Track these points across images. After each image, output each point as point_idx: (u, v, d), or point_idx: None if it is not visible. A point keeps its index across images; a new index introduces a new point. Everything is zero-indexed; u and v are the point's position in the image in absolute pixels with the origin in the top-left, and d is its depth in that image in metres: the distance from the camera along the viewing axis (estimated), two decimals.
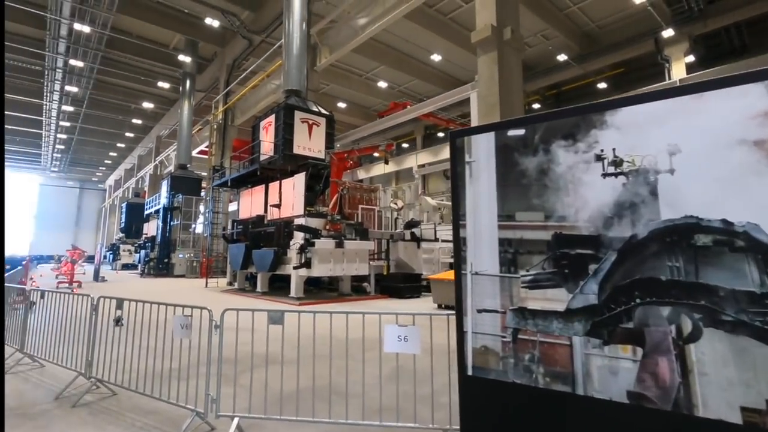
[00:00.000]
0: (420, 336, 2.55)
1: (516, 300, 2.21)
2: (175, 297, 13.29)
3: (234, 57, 26.38)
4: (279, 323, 2.91)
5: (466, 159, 2.41)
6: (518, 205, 2.25)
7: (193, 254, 25.78)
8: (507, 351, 2.21)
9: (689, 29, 23.00)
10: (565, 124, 2.15)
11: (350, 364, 3.42)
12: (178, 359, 3.56)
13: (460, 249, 2.39)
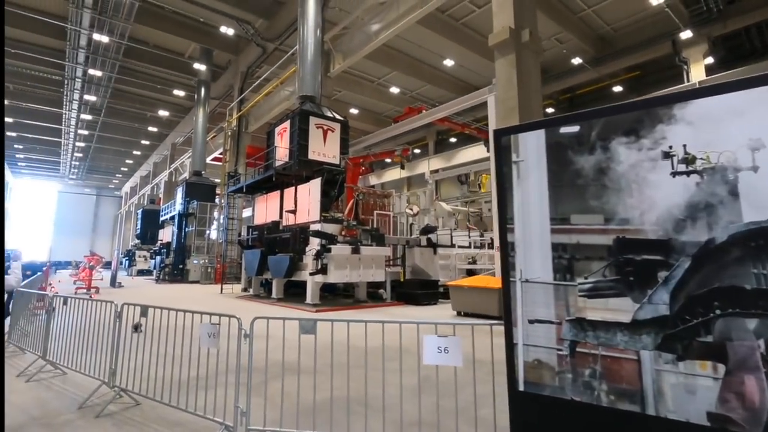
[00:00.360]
0: (462, 347, 2.40)
1: (573, 310, 2.05)
2: (192, 303, 13.30)
3: (248, 64, 26.65)
4: (311, 332, 2.79)
5: (512, 158, 2.27)
6: (573, 207, 2.10)
7: (208, 260, 25.93)
8: (564, 365, 2.05)
9: (708, 30, 22.55)
10: (626, 119, 2.00)
11: (374, 374, 3.29)
12: (205, 367, 3.46)
13: (508, 255, 2.24)
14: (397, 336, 2.92)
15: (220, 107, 32.74)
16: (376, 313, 10.74)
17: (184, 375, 3.59)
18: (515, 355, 2.19)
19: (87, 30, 21.97)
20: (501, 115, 10.58)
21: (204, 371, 3.53)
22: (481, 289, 9.27)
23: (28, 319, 6.35)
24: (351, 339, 2.95)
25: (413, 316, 9.92)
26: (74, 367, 4.40)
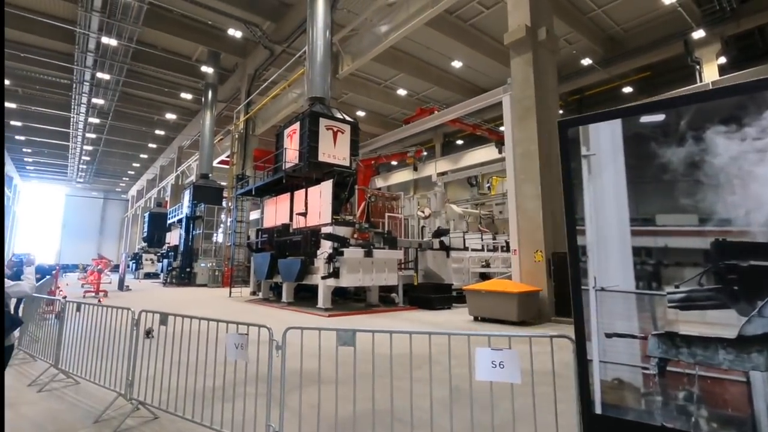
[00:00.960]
0: (519, 362, 2.17)
1: (662, 323, 1.82)
2: (201, 307, 13.11)
3: (255, 67, 26.59)
4: (350, 344, 2.57)
5: (582, 152, 2.05)
6: (659, 206, 1.87)
7: (215, 263, 25.79)
8: (651, 386, 1.82)
9: (721, 30, 22.22)
10: (724, 105, 1.77)
11: (398, 383, 3.06)
12: (223, 376, 3.25)
13: (578, 260, 2.02)
14: (420, 343, 2.70)
15: (227, 110, 32.72)
16: (391, 318, 10.50)
17: (203, 385, 3.38)
18: (589, 373, 1.96)
19: (95, 33, 21.99)
20: (517, 115, 10.35)
21: (222, 381, 3.32)
22: (500, 293, 9.01)
23: (38, 324, 6.18)
24: (375, 347, 2.73)
25: (429, 321, 9.68)
26: (88, 376, 4.21)
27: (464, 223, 17.03)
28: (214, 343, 3.37)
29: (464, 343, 2.62)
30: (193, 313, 11.67)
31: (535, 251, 9.68)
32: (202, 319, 3.41)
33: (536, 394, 2.32)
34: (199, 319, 3.44)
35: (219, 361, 3.33)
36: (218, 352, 3.32)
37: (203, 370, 3.43)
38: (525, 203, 9.99)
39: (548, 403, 2.37)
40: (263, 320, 10.01)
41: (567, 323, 9.02)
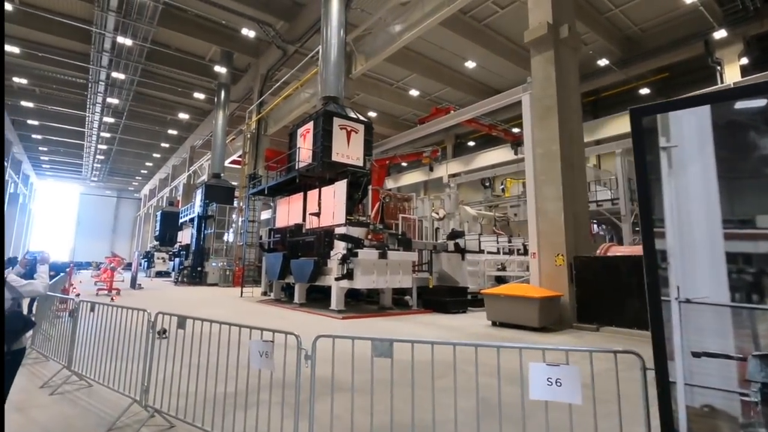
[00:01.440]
0: (580, 379, 1.94)
1: (765, 342, 1.58)
2: (213, 306, 13.01)
3: (268, 67, 26.60)
4: (387, 356, 2.35)
5: (660, 144, 1.81)
6: (759, 205, 1.63)
7: (226, 263, 25.79)
8: (752, 415, 1.58)
9: (744, 30, 21.64)
10: None
11: (422, 393, 2.84)
12: (245, 381, 3.05)
13: (657, 266, 1.78)
14: (443, 350, 2.47)
15: (239, 110, 32.81)
16: (406, 321, 10.27)
17: (223, 390, 3.20)
18: (672, 397, 1.72)
19: (111, 33, 22.15)
20: (538, 114, 10.07)
21: (245, 387, 3.14)
22: (519, 298, 8.73)
23: (51, 322, 6.07)
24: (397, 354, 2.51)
25: (446, 325, 9.43)
26: (102, 380, 4.05)
27: (478, 226, 16.74)
28: (236, 347, 3.18)
29: (513, 355, 2.38)
30: (206, 313, 11.52)
31: (555, 255, 9.39)
32: (223, 324, 3.22)
33: (597, 415, 2.08)
34: (219, 324, 3.24)
35: (237, 365, 3.14)
36: (238, 356, 3.12)
37: (221, 375, 3.25)
38: (545, 205, 9.70)
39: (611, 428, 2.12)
40: (276, 322, 9.87)
41: (589, 330, 8.71)
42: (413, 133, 16.79)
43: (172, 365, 3.56)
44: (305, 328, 9.02)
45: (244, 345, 3.11)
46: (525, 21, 23.21)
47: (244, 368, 3.10)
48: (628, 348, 2.12)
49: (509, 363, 2.46)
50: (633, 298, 8.22)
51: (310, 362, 2.47)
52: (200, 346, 3.32)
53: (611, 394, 2.04)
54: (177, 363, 3.49)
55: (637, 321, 8.12)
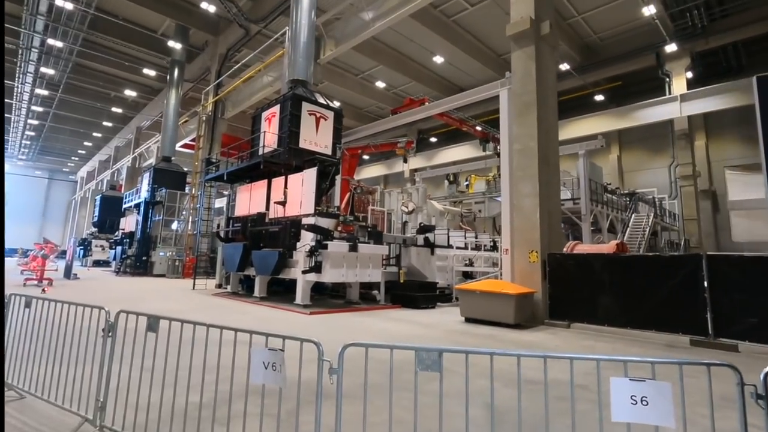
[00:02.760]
0: (671, 397, 1.64)
1: None
2: (163, 300, 11.95)
3: (228, 46, 25.08)
4: (435, 370, 1.94)
5: None
6: None
7: (176, 252, 24.14)
8: None
9: (691, 45, 23.13)
10: None
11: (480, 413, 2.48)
12: (214, 389, 2.52)
13: None
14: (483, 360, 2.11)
15: (193, 91, 30.81)
16: (376, 317, 9.90)
17: (195, 401, 2.64)
18: None
19: None
20: (516, 110, 10.00)
21: (225, 396, 2.62)
22: (495, 294, 8.63)
23: None
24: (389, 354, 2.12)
25: (419, 322, 9.16)
26: (39, 392, 3.32)
27: (445, 221, 16.69)
28: (216, 347, 2.63)
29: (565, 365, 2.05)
30: (156, 307, 10.52)
31: (530, 251, 9.38)
32: (210, 327, 2.65)
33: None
34: (207, 326, 2.66)
35: (234, 368, 2.60)
36: (211, 357, 2.56)
37: (195, 381, 2.69)
38: (521, 201, 9.67)
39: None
40: (237, 317, 9.14)
41: (561, 326, 8.78)
42: (385, 123, 16.39)
43: (130, 372, 2.94)
44: (271, 324, 8.41)
45: (222, 344, 2.58)
46: (493, 21, 23.52)
47: (222, 370, 2.57)
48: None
49: (563, 374, 2.11)
50: (605, 295, 8.35)
51: (336, 377, 1.99)
52: (168, 348, 2.74)
53: (701, 416, 1.78)
54: (136, 369, 2.87)
55: (608, 318, 8.26)
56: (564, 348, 6.77)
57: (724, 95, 21.58)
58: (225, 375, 2.81)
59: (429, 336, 7.48)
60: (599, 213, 17.14)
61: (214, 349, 2.62)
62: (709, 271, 7.16)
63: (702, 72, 25.09)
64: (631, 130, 26.59)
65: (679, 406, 1.71)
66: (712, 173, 25.81)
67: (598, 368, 1.85)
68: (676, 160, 26.00)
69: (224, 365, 2.68)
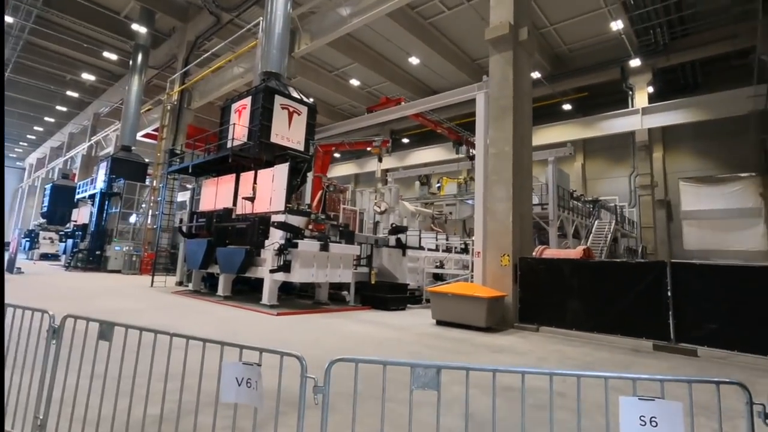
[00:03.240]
0: (682, 418, 1.54)
1: None
2: (119, 297, 11.22)
3: (197, 34, 24.05)
4: (432, 388, 1.73)
5: None
6: None
7: (133, 247, 22.90)
8: None
9: (654, 61, 24.24)
10: None
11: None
12: (177, 398, 2.25)
13: None
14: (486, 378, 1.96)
15: (158, 78, 29.43)
16: (347, 318, 9.66)
17: (155, 413, 2.35)
18: None
19: None
20: (493, 114, 10.04)
21: (174, 405, 2.34)
22: (467, 297, 8.59)
23: None
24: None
25: (390, 324, 9.00)
26: None
27: (416, 222, 16.64)
28: (180, 352, 2.35)
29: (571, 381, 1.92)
30: (111, 305, 9.81)
31: (502, 255, 9.43)
32: (173, 336, 2.35)
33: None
34: (170, 335, 2.36)
35: (173, 373, 2.31)
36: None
37: (153, 389, 2.40)
38: (495, 205, 9.71)
39: None
40: (199, 317, 8.66)
41: (531, 330, 8.87)
42: (361, 121, 16.15)
43: (76, 380, 2.60)
44: (237, 325, 8.01)
45: (189, 348, 2.31)
46: (468, 25, 23.76)
47: (184, 378, 2.30)
48: (706, 376, 1.77)
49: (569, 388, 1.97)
50: (573, 300, 8.49)
51: (322, 396, 1.75)
52: (124, 353, 2.43)
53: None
54: (85, 377, 2.54)
55: (575, 322, 8.40)
56: (535, 351, 6.80)
57: (681, 110, 22.78)
58: (191, 383, 2.54)
59: (401, 339, 7.33)
60: (565, 219, 17.62)
61: (178, 354, 2.33)
62: (672, 278, 7.40)
63: (662, 87, 26.34)
64: (596, 139, 27.58)
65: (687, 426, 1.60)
66: (668, 184, 27.14)
67: (606, 386, 1.72)
68: (636, 170, 27.18)
69: (192, 371, 2.42)
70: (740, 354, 6.77)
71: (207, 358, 2.33)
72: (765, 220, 23.50)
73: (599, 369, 5.84)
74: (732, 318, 6.87)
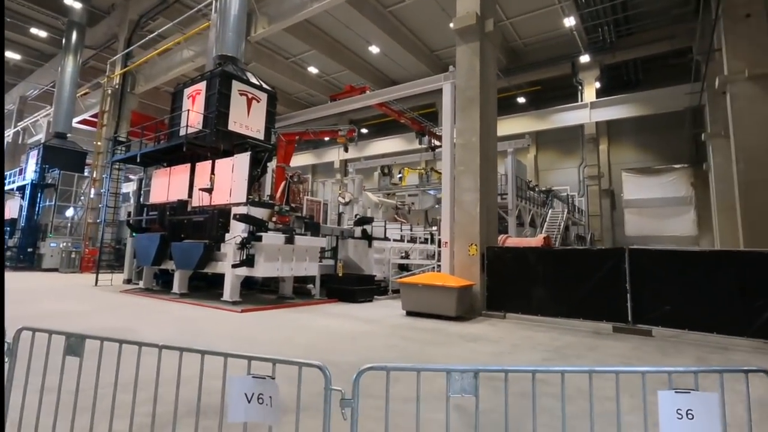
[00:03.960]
0: (718, 409, 1.52)
1: None
2: (60, 299, 10.27)
3: (140, 12, 22.34)
4: (470, 393, 1.60)
5: None
6: None
7: (71, 243, 21.12)
8: None
9: (601, 58, 25.49)
10: None
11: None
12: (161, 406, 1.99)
13: None
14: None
15: (96, 60, 27.10)
16: (314, 312, 9.40)
17: (109, 428, 2.07)
18: None
19: None
20: (460, 104, 10.07)
21: (146, 420, 2.08)
22: (438, 287, 8.63)
23: None
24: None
25: (360, 317, 8.86)
26: None
27: (380, 212, 16.55)
28: (151, 358, 2.07)
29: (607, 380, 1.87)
30: (52, 308, 8.93)
31: (469, 244, 9.54)
32: (165, 349, 2.04)
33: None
34: (158, 348, 2.05)
35: (144, 381, 2.04)
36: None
37: (119, 401, 2.12)
38: (462, 195, 9.78)
39: None
40: (156, 317, 8.09)
41: (498, 317, 9.06)
42: (324, 110, 15.72)
43: (22, 395, 2.25)
44: (200, 324, 7.55)
45: (162, 354, 2.05)
46: (428, 16, 23.76)
47: (157, 386, 2.04)
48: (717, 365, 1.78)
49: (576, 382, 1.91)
50: (538, 287, 8.76)
51: (351, 410, 1.55)
52: (83, 361, 2.10)
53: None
54: (34, 391, 2.20)
55: (541, 308, 8.68)
56: (507, 338, 6.93)
57: (626, 105, 24.20)
58: (166, 391, 2.25)
59: (375, 332, 7.22)
60: (523, 208, 18.22)
61: (149, 360, 2.03)
62: (630, 263, 7.81)
63: (608, 83, 27.82)
64: (548, 131, 28.67)
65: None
66: (612, 174, 28.82)
67: (643, 381, 1.68)
68: (584, 161, 28.62)
69: (166, 379, 2.14)
70: (690, 332, 7.28)
71: (187, 363, 2.06)
72: (695, 208, 25.67)
73: (569, 352, 6.05)
74: (682, 299, 7.36)
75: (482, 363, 5.20)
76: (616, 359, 5.74)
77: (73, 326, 6.85)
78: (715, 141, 16.67)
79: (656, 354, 6.16)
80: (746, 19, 11.52)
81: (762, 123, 10.69)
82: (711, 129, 17.07)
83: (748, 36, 11.34)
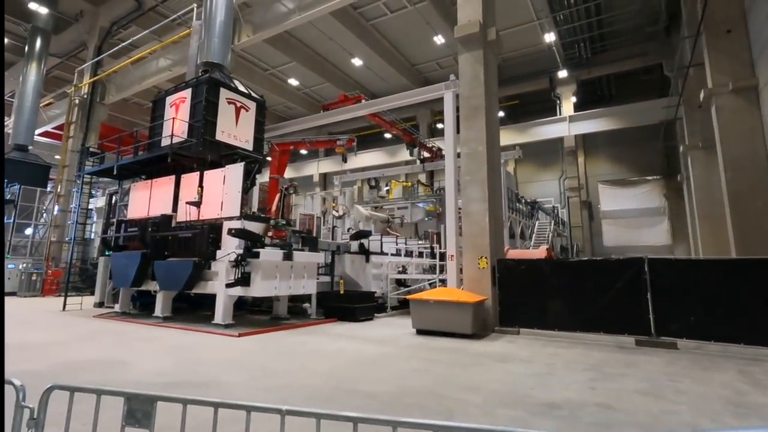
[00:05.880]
0: None
1: None
2: (24, 328, 9.06)
3: (112, 20, 21.29)
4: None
5: None
6: None
7: (32, 264, 19.44)
8: None
9: (578, 73, 26.25)
10: None
11: None
12: None
13: None
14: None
15: (62, 69, 25.60)
16: (318, 334, 8.71)
17: None
18: None
19: None
20: (464, 114, 9.80)
21: None
22: (452, 303, 8.16)
23: None
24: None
25: (369, 338, 8.25)
26: None
27: (371, 226, 16.02)
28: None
29: None
30: (16, 338, 7.84)
31: (479, 257, 9.16)
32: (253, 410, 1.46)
33: None
34: (214, 407, 1.46)
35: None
36: None
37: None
38: (469, 206, 9.43)
39: None
40: (143, 345, 7.24)
41: (512, 333, 8.67)
42: (318, 119, 15.21)
43: None
44: (197, 354, 6.74)
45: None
46: (409, 30, 23.76)
47: None
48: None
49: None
50: (555, 300, 8.44)
51: None
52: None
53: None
54: None
55: (557, 322, 8.34)
56: (536, 357, 6.51)
57: (603, 119, 24.89)
58: None
59: (394, 355, 6.65)
60: (513, 220, 18.14)
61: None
62: (650, 273, 7.61)
63: (584, 98, 28.67)
64: (528, 144, 29.14)
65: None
66: (589, 186, 29.48)
67: None
68: (564, 173, 29.17)
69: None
70: (714, 343, 7.10)
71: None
72: (668, 218, 26.51)
73: (610, 370, 5.67)
74: (705, 309, 7.19)
75: (530, 387, 4.74)
76: (662, 376, 5.41)
77: (50, 361, 5.93)
78: (693, 153, 17.16)
79: (695, 369, 5.88)
80: (727, 35, 11.89)
81: (748, 133, 10.97)
82: (689, 141, 17.59)
83: (729, 51, 11.69)
